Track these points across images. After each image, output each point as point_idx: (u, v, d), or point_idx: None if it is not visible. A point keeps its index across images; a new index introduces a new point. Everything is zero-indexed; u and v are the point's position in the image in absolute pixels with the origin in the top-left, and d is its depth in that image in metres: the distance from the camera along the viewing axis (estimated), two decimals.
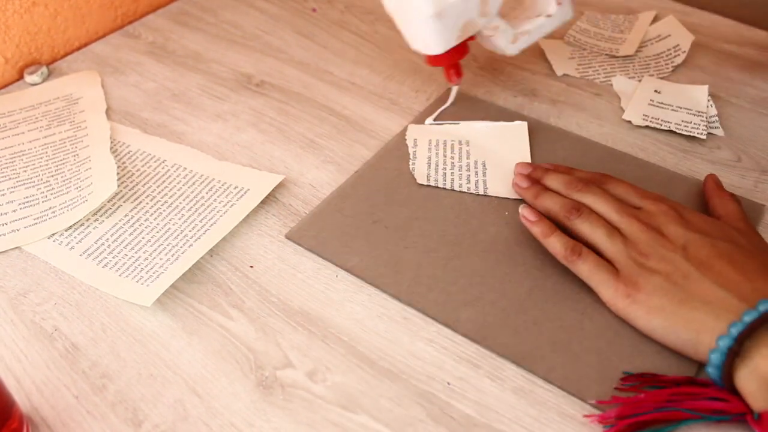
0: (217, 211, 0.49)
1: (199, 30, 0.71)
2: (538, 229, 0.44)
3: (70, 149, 0.55)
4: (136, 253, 0.46)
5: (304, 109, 0.60)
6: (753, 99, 0.59)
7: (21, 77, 0.66)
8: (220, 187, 0.51)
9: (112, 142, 0.56)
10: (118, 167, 0.53)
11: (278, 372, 0.39)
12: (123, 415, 0.38)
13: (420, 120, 0.57)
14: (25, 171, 0.53)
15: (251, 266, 0.46)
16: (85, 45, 0.70)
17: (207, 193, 0.51)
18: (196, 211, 0.49)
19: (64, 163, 0.54)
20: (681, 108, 0.57)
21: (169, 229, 0.48)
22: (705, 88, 0.58)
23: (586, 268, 0.42)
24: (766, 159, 0.53)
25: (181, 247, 0.46)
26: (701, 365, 0.38)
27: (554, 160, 0.52)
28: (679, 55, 0.63)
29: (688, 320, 0.38)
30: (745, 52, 0.64)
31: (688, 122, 0.55)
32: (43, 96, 0.62)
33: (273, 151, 0.55)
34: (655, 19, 0.68)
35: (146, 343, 0.41)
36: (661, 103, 0.57)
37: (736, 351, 0.35)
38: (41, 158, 0.55)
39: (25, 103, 0.61)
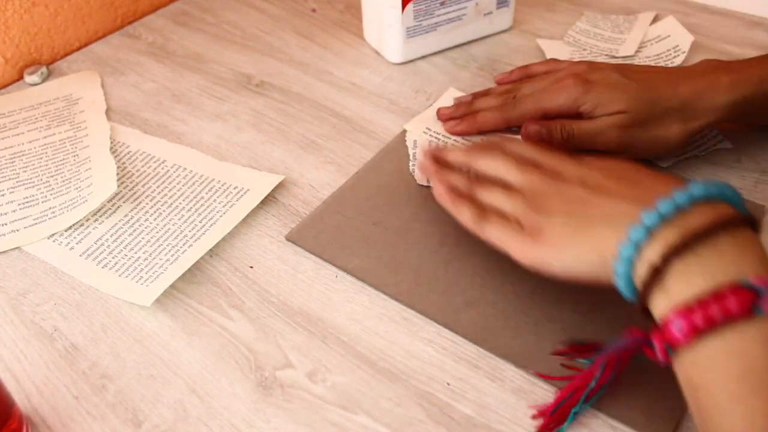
0: (217, 212, 0.49)
1: (199, 30, 0.71)
2: (447, 205, 0.44)
3: (70, 149, 0.55)
4: (135, 253, 0.46)
5: (303, 109, 0.60)
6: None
7: (21, 77, 0.66)
8: (219, 188, 0.51)
9: (112, 143, 0.56)
10: (118, 167, 0.53)
11: (278, 372, 0.39)
12: (123, 416, 0.38)
13: (421, 121, 0.57)
14: (25, 171, 0.53)
15: (251, 267, 0.46)
16: (85, 45, 0.70)
17: (207, 193, 0.51)
18: (195, 211, 0.49)
19: (63, 164, 0.54)
20: None
21: (169, 229, 0.48)
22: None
23: (493, 231, 0.40)
24: (766, 160, 0.52)
25: (180, 247, 0.46)
26: None
27: None
28: (678, 55, 0.63)
29: (593, 244, 0.35)
30: (745, 52, 0.64)
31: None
32: (42, 96, 0.62)
33: (273, 152, 0.55)
34: (655, 20, 0.68)
35: (146, 343, 0.41)
36: None
37: (655, 267, 0.31)
38: (41, 158, 0.55)
39: (25, 103, 0.61)
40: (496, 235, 0.40)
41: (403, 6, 0.60)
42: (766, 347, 0.28)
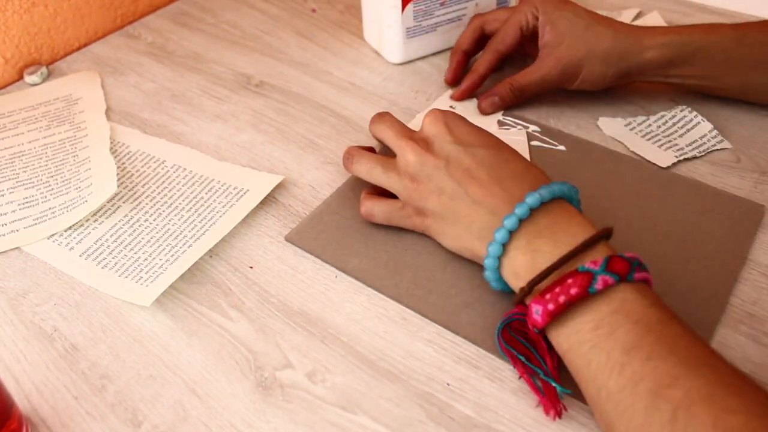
0: (217, 212, 0.49)
1: (198, 30, 0.71)
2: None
3: (70, 150, 0.55)
4: (135, 253, 0.46)
5: (303, 109, 0.60)
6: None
7: (21, 77, 0.66)
8: (219, 188, 0.51)
9: (111, 143, 0.56)
10: (118, 168, 0.53)
11: (278, 373, 0.39)
12: (122, 416, 0.38)
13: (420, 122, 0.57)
14: (25, 171, 0.53)
15: (251, 267, 0.46)
16: (85, 45, 0.70)
17: (206, 193, 0.51)
18: (195, 211, 0.49)
19: (63, 164, 0.54)
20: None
21: (169, 229, 0.48)
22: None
23: (379, 211, 0.46)
24: (765, 160, 0.53)
25: (180, 247, 0.46)
26: None
27: (554, 161, 0.52)
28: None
29: (462, 239, 0.42)
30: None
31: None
32: (42, 96, 0.62)
33: (272, 152, 0.55)
34: (639, 16, 0.68)
35: (146, 343, 0.41)
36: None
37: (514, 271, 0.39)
38: (41, 159, 0.55)
39: (25, 103, 0.61)
40: (383, 217, 0.46)
41: (403, 6, 0.60)
42: (607, 311, 0.34)
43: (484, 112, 0.57)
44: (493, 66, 0.58)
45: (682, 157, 0.52)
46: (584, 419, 0.37)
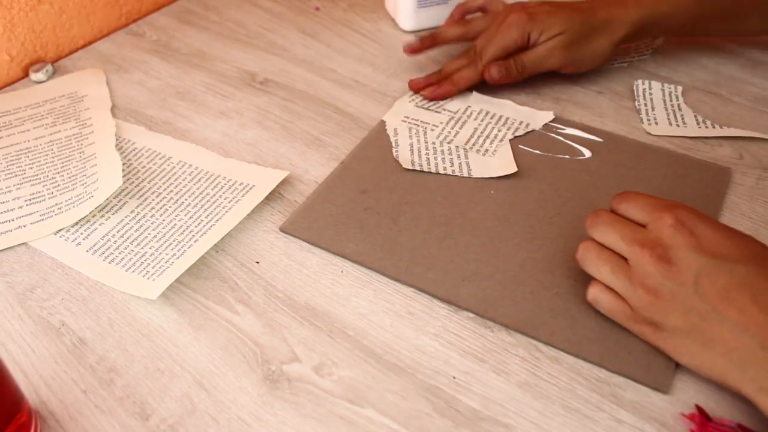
0: (222, 207, 0.49)
1: (203, 28, 0.72)
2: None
3: (76, 146, 0.55)
4: (142, 248, 0.46)
5: (308, 106, 0.60)
6: (754, 97, 0.59)
7: (26, 75, 0.66)
8: (225, 184, 0.51)
9: (117, 140, 0.56)
10: (124, 164, 0.53)
11: (285, 366, 0.40)
12: (131, 409, 0.38)
13: (398, 111, 0.57)
14: (31, 168, 0.54)
15: (257, 262, 0.46)
16: (90, 43, 0.71)
17: (212, 189, 0.51)
18: (201, 207, 0.49)
19: (69, 160, 0.54)
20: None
21: (175, 225, 0.48)
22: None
23: (603, 301, 0.40)
24: (767, 157, 0.53)
25: (186, 242, 0.46)
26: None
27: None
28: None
29: (714, 365, 0.36)
30: (746, 50, 0.65)
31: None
32: (48, 94, 0.62)
33: (277, 148, 0.56)
34: None
35: (153, 337, 0.42)
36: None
37: None
38: (47, 155, 0.55)
39: (31, 100, 0.62)
40: (606, 305, 0.40)
41: None
42: None
43: (492, 77, 0.58)
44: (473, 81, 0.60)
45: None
46: (590, 412, 0.37)
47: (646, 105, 0.59)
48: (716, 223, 0.38)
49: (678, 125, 0.56)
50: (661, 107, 0.58)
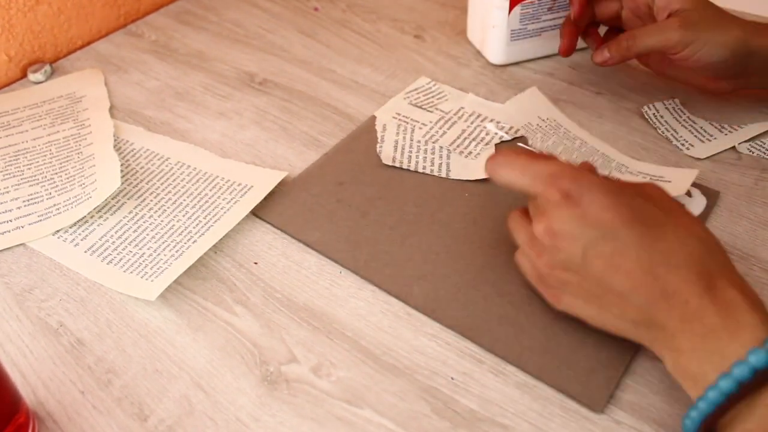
0: (221, 208, 0.49)
1: (201, 29, 0.72)
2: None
3: (74, 147, 0.55)
4: (140, 249, 0.46)
5: (306, 107, 0.60)
6: (754, 97, 0.59)
7: (24, 75, 0.66)
8: (223, 184, 0.51)
9: (115, 140, 0.56)
10: (122, 165, 0.53)
11: (283, 367, 0.40)
12: (129, 410, 0.38)
13: (390, 108, 0.57)
14: (29, 168, 0.54)
15: (255, 263, 0.46)
16: (89, 43, 0.70)
17: (210, 190, 0.51)
18: (199, 208, 0.49)
19: (68, 161, 0.54)
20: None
21: (173, 225, 0.48)
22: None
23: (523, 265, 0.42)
24: (766, 157, 0.53)
25: (185, 243, 0.46)
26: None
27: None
28: None
29: (613, 325, 0.37)
30: None
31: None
32: (46, 94, 0.62)
33: (276, 149, 0.56)
34: None
35: (151, 338, 0.42)
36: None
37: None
38: (45, 156, 0.55)
39: (29, 101, 0.62)
40: (523, 268, 0.41)
41: (511, 8, 0.59)
42: None
43: (597, 62, 0.55)
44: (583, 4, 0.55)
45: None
46: (588, 413, 0.37)
47: (668, 130, 0.55)
48: (604, 186, 0.37)
49: (709, 140, 0.54)
50: (679, 127, 0.55)
